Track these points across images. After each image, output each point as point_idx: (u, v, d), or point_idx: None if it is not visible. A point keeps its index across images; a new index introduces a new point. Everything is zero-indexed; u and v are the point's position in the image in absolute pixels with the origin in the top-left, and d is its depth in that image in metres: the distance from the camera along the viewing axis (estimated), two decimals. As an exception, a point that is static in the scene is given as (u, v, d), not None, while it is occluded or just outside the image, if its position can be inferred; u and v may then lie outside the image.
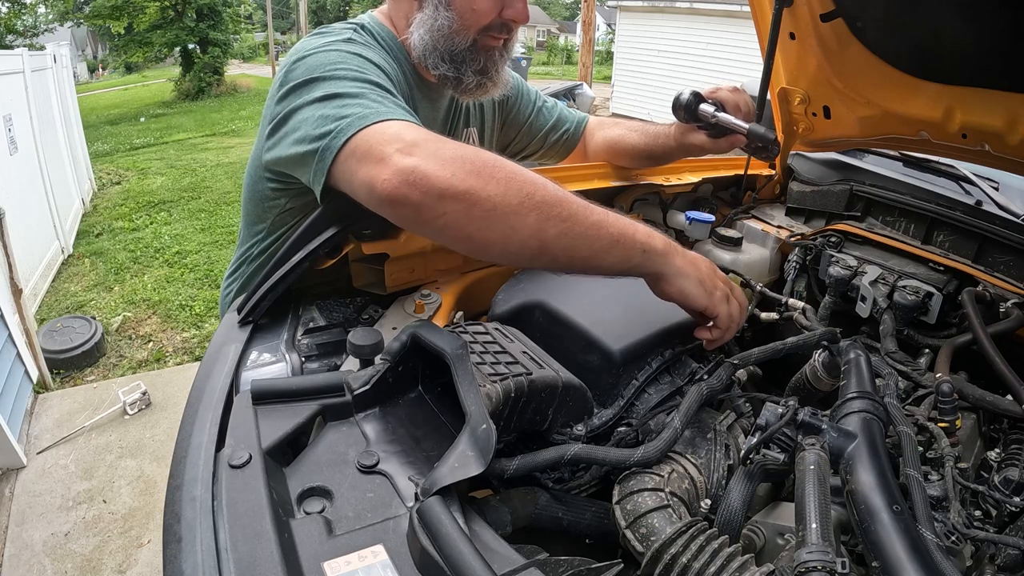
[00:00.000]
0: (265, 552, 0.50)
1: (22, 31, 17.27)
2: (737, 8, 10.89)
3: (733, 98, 1.23)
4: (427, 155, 0.74)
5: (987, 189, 1.36)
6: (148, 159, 9.24)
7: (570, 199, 0.77)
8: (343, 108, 0.83)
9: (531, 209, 0.74)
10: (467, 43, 1.07)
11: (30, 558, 2.16)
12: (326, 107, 0.85)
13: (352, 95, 0.85)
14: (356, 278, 1.01)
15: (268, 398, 0.69)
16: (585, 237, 0.76)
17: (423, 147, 0.75)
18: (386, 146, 0.76)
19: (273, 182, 1.06)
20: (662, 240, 0.81)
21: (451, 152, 0.74)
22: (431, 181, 0.72)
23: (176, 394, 3.12)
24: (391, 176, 0.73)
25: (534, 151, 1.49)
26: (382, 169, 0.74)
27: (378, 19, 1.14)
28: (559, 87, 10.26)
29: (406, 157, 0.74)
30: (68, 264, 5.03)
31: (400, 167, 0.73)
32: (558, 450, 0.69)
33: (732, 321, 0.84)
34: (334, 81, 0.88)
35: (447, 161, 0.73)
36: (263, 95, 1.41)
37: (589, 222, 0.76)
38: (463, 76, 1.09)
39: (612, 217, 0.79)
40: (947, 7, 1.06)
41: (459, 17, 1.04)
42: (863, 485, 0.62)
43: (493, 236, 0.75)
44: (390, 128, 0.78)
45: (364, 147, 0.78)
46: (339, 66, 0.90)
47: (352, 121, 0.80)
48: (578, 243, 0.76)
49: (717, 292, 0.83)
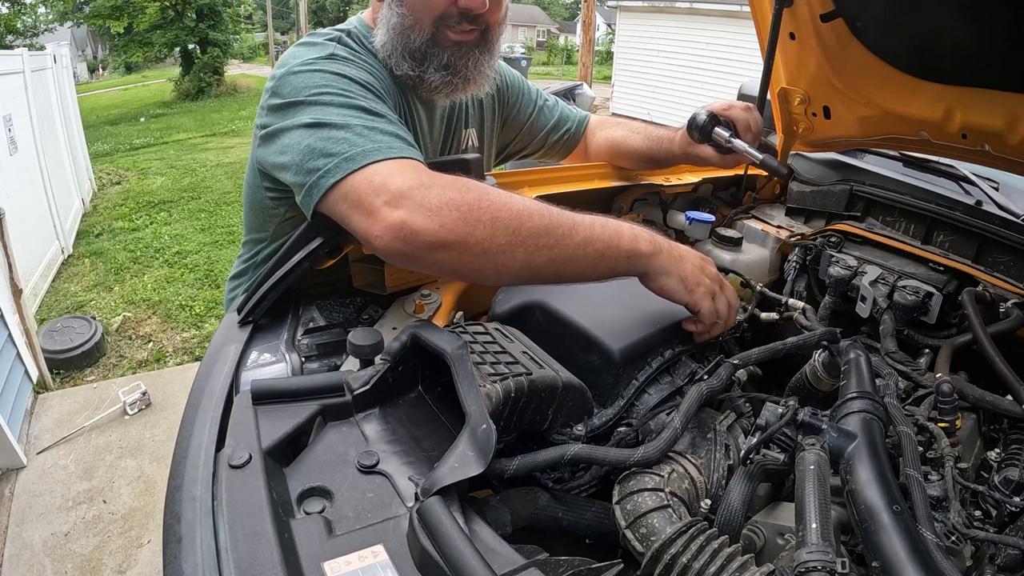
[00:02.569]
0: (265, 552, 0.50)
1: (22, 31, 17.26)
2: (737, 8, 10.88)
3: (745, 117, 1.23)
4: (414, 206, 0.75)
5: (987, 189, 1.36)
6: (148, 159, 9.23)
7: (555, 224, 0.79)
8: (329, 143, 0.84)
9: (519, 245, 0.77)
10: (425, 37, 1.03)
11: (30, 558, 2.16)
12: (312, 137, 0.86)
13: (338, 126, 0.85)
14: (356, 278, 1.01)
15: (268, 398, 0.69)
16: (573, 258, 0.80)
17: (409, 197, 0.76)
18: (374, 198, 0.77)
19: (272, 191, 1.06)
20: (648, 241, 0.85)
21: (437, 199, 0.76)
22: (420, 236, 0.75)
23: (176, 394, 3.12)
24: (382, 232, 0.76)
25: (535, 150, 1.49)
26: (372, 224, 0.77)
27: (365, 22, 1.13)
28: (559, 87, 10.24)
29: (394, 211, 0.76)
30: (68, 264, 5.02)
31: (389, 223, 0.75)
32: (558, 450, 0.69)
33: (717, 317, 0.87)
34: (320, 107, 0.89)
35: (434, 212, 0.75)
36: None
37: (575, 243, 0.80)
38: (425, 74, 1.06)
39: (598, 230, 0.82)
40: (947, 7, 1.06)
41: (411, 11, 1.02)
42: (863, 485, 0.62)
43: (487, 273, 0.80)
44: (377, 175, 0.80)
45: (353, 195, 0.80)
46: (324, 90, 0.91)
47: (339, 163, 0.82)
48: (567, 265, 0.80)
49: (700, 288, 0.86)
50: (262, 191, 1.08)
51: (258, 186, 1.09)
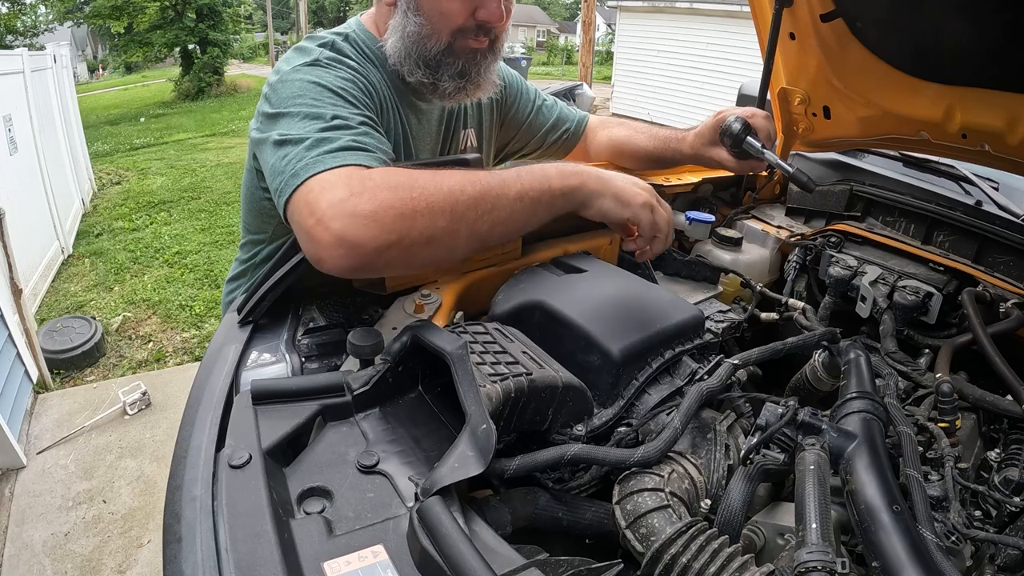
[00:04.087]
0: (265, 552, 0.50)
1: (22, 31, 17.28)
2: (737, 8, 10.89)
3: (767, 127, 1.21)
4: (346, 219, 0.74)
5: (987, 189, 1.36)
6: (148, 159, 9.24)
7: (487, 188, 0.81)
8: (283, 160, 0.85)
9: (459, 220, 0.78)
10: (441, 47, 1.05)
11: (30, 558, 2.16)
12: (276, 155, 0.87)
13: (294, 141, 0.86)
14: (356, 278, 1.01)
15: (268, 398, 0.69)
16: (513, 212, 0.82)
17: (340, 208, 0.74)
18: (308, 218, 0.77)
19: (268, 192, 1.06)
20: (573, 174, 0.87)
21: (369, 205, 0.74)
22: (363, 247, 0.74)
23: (176, 394, 3.12)
24: (327, 255, 0.75)
25: (533, 150, 1.49)
26: (316, 249, 0.76)
27: (364, 25, 1.13)
28: (559, 87, 10.25)
29: (326, 230, 0.74)
30: (68, 264, 5.02)
31: (328, 242, 0.74)
32: (558, 450, 0.69)
33: (657, 229, 0.89)
34: (288, 119, 0.90)
35: (369, 217, 0.74)
36: (263, 95, 1.40)
37: (510, 199, 0.82)
38: (439, 81, 1.07)
39: (526, 179, 0.84)
40: (947, 7, 1.06)
41: (428, 21, 1.03)
42: (863, 485, 0.62)
43: (439, 256, 0.81)
44: (311, 191, 0.79)
45: (296, 217, 0.81)
46: (296, 100, 0.91)
47: (287, 181, 0.82)
48: (509, 219, 0.83)
49: (637, 200, 0.87)
50: (260, 192, 1.08)
51: (256, 187, 1.09)
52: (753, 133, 1.20)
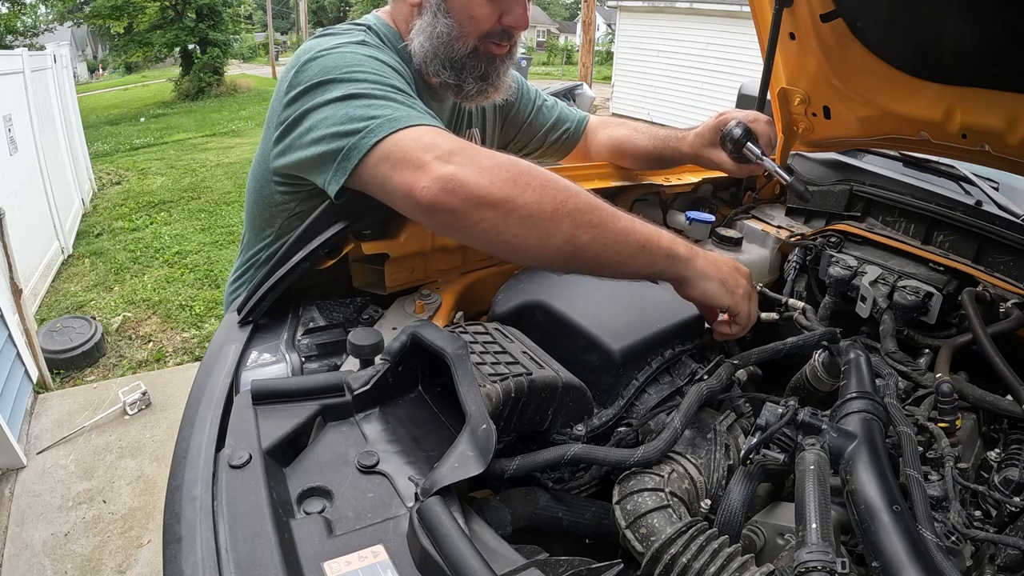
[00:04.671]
0: (265, 552, 0.50)
1: (22, 31, 17.28)
2: (737, 8, 10.88)
3: (768, 132, 1.20)
4: (465, 163, 0.75)
5: (987, 189, 1.36)
6: (148, 159, 9.23)
7: (601, 206, 0.79)
8: (370, 108, 0.83)
9: (565, 216, 0.76)
10: (467, 50, 1.07)
11: (30, 558, 2.16)
12: (349, 106, 0.84)
13: (377, 96, 0.85)
14: (356, 278, 1.01)
15: (268, 398, 0.69)
16: (615, 243, 0.79)
17: (460, 155, 0.76)
18: (424, 153, 0.77)
19: (282, 186, 1.05)
20: (685, 245, 0.84)
21: (488, 161, 0.76)
22: (469, 188, 0.73)
23: (176, 394, 3.12)
24: (430, 184, 0.74)
25: (533, 149, 1.49)
26: (420, 176, 0.75)
27: (384, 20, 1.13)
28: (559, 87, 10.25)
29: (444, 164, 0.75)
30: (68, 264, 5.02)
31: (439, 175, 0.74)
32: (558, 450, 0.69)
33: (751, 319, 0.88)
34: (354, 83, 0.87)
35: (484, 169, 0.75)
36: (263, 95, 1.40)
37: (618, 228, 0.79)
38: (464, 83, 1.10)
39: (638, 224, 0.81)
40: (947, 7, 1.06)
41: (458, 24, 1.04)
42: (863, 485, 0.62)
43: (529, 241, 0.77)
44: (425, 135, 0.79)
45: (399, 152, 0.79)
46: (357, 68, 0.90)
47: (383, 123, 0.81)
48: (608, 248, 0.79)
49: (739, 290, 0.86)
50: (272, 186, 1.07)
51: (267, 180, 1.08)
52: (754, 138, 1.19)
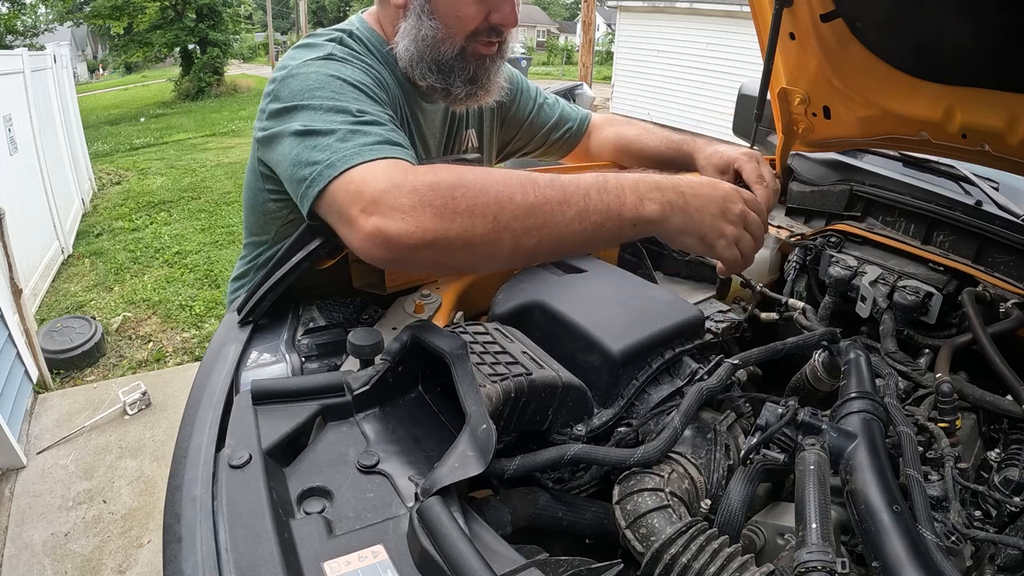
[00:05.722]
0: (265, 552, 0.50)
1: (22, 31, 17.29)
2: (737, 8, 10.88)
3: (753, 169, 1.12)
4: (387, 210, 0.73)
5: (987, 189, 1.36)
6: (148, 159, 9.24)
7: (541, 202, 0.74)
8: (314, 151, 0.84)
9: (503, 230, 0.73)
10: (455, 51, 1.05)
11: (30, 558, 2.16)
12: (300, 146, 0.86)
13: (323, 132, 0.85)
14: (356, 278, 1.01)
15: (268, 398, 0.69)
16: (566, 235, 0.75)
17: (383, 201, 0.74)
18: (350, 207, 0.76)
19: (274, 194, 1.05)
20: (657, 202, 0.77)
21: (409, 199, 0.73)
22: (397, 240, 0.72)
23: (176, 394, 3.12)
24: (361, 242, 0.75)
25: (535, 148, 1.49)
26: (351, 233, 0.76)
27: (367, 23, 1.12)
28: (559, 87, 10.23)
29: (368, 218, 0.74)
30: (68, 264, 5.03)
31: (366, 232, 0.74)
32: (558, 450, 0.69)
33: (742, 259, 0.82)
34: (310, 112, 0.88)
35: (408, 212, 0.72)
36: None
37: (567, 220, 0.75)
38: (452, 87, 1.08)
39: (594, 199, 0.75)
40: (947, 7, 1.06)
41: (444, 25, 1.03)
42: (863, 485, 0.62)
43: (477, 261, 0.77)
44: (352, 182, 0.78)
45: (335, 206, 0.79)
46: (316, 93, 0.90)
47: (321, 171, 0.81)
48: (561, 242, 0.76)
49: (720, 242, 0.80)
50: (264, 194, 1.08)
51: (260, 189, 1.09)
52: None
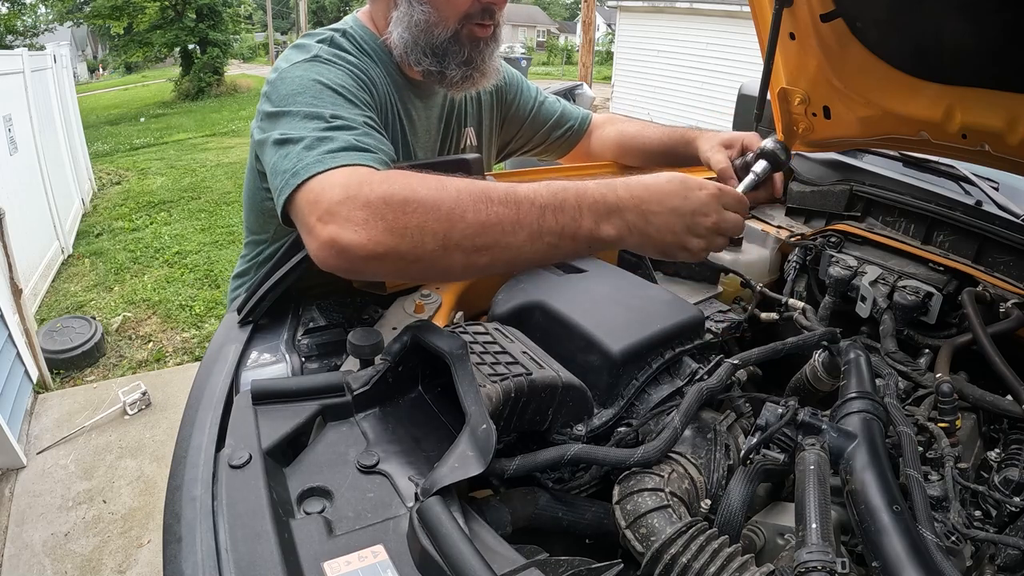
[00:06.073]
0: (265, 552, 0.50)
1: (22, 31, 17.30)
2: (737, 8, 10.87)
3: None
4: (342, 220, 0.73)
5: (987, 189, 1.36)
6: (148, 159, 9.23)
7: (493, 223, 0.72)
8: (285, 160, 0.85)
9: (453, 248, 0.72)
10: (448, 34, 1.05)
11: (30, 558, 2.16)
12: (277, 154, 0.87)
13: (294, 140, 0.86)
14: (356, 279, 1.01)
15: (268, 398, 0.69)
16: (520, 255, 0.74)
17: (339, 211, 0.74)
18: (309, 215, 0.77)
19: (271, 193, 1.06)
20: (614, 225, 0.76)
21: (363, 212, 0.72)
22: (351, 250, 0.72)
23: (176, 394, 3.12)
24: (318, 250, 0.75)
25: (535, 147, 1.49)
26: (311, 240, 0.76)
27: (360, 21, 1.13)
28: (559, 87, 10.23)
29: (325, 227, 0.74)
30: (68, 264, 5.02)
31: (322, 240, 0.74)
32: (558, 450, 0.69)
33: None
34: (288, 118, 0.90)
35: (361, 225, 0.72)
36: (263, 95, 1.38)
37: (519, 241, 0.73)
38: (447, 69, 1.07)
39: (549, 219, 0.74)
40: (947, 7, 1.06)
41: (435, 9, 1.03)
42: (863, 485, 0.62)
43: (432, 276, 0.79)
44: (312, 191, 0.79)
45: (299, 214, 0.80)
46: (296, 99, 0.92)
47: (287, 180, 0.82)
48: (515, 262, 0.76)
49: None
50: (262, 192, 1.08)
51: (258, 188, 1.09)
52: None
